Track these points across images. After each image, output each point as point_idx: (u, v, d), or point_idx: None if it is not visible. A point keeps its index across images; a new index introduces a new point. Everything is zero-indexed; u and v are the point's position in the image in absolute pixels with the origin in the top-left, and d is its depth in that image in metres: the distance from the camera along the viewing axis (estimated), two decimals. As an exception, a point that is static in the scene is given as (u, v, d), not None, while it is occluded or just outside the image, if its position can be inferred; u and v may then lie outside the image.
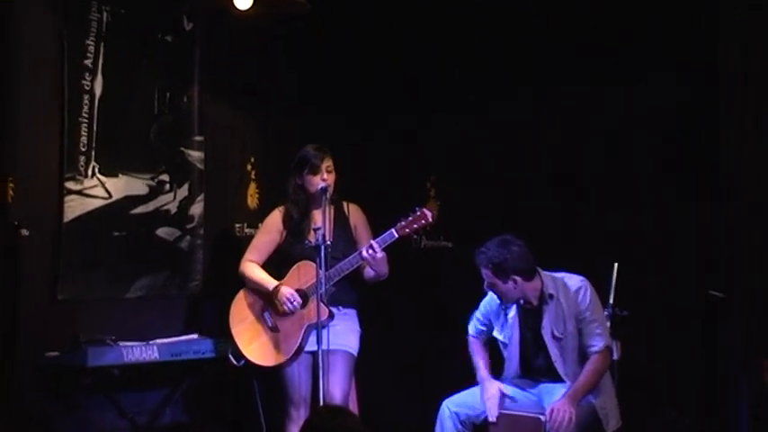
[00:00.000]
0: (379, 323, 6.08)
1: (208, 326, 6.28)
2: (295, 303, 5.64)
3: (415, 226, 5.61)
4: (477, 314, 5.81)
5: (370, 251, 5.55)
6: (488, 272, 5.46)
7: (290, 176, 5.83)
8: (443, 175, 6.82)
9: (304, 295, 5.73)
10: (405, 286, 6.44)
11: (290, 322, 5.74)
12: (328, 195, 5.67)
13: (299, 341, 5.72)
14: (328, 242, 5.47)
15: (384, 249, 5.63)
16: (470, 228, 6.24)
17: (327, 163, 5.73)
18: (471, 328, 5.82)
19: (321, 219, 5.57)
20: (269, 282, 5.75)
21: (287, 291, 5.68)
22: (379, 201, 6.13)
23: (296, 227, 5.81)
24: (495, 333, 5.70)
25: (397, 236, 5.60)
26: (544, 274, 5.53)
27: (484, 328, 5.80)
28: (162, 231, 6.31)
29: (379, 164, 6.84)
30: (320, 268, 5.41)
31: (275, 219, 5.91)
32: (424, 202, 5.79)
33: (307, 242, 5.58)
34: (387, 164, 6.86)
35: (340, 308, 5.78)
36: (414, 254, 6.55)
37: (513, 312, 5.62)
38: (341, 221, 5.88)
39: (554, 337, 5.50)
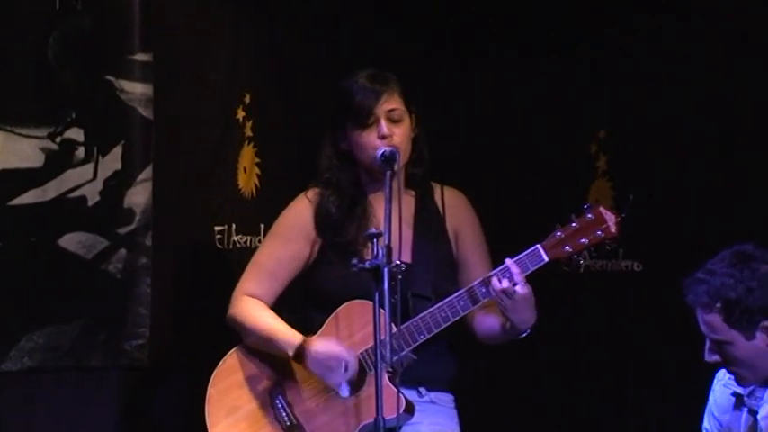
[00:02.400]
0: (495, 417, 5.41)
1: (162, 424, 5.24)
2: (348, 374, 4.61)
3: (584, 240, 4.55)
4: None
5: (504, 282, 4.55)
6: (715, 317, 4.16)
7: (323, 137, 4.73)
8: (623, 133, 5.68)
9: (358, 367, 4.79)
10: (550, 344, 5.46)
11: (327, 417, 4.69)
12: (397, 168, 4.45)
13: (346, 456, 4.83)
14: (399, 262, 4.26)
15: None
16: (675, 236, 5.41)
17: (391, 104, 4.57)
18: None
19: (386, 217, 4.42)
20: (287, 335, 4.67)
21: (329, 349, 4.60)
22: (496, 183, 5.44)
23: (336, 232, 4.71)
24: (733, 457, 4.73)
25: (547, 259, 4.59)
26: (820, 326, 4.38)
27: None
28: (71, 240, 5.04)
29: (499, 113, 5.75)
30: (380, 314, 4.24)
31: (300, 213, 4.78)
32: (584, 185, 5.36)
33: (354, 263, 4.32)
34: (514, 113, 5.75)
35: (422, 390, 4.67)
36: (569, 282, 5.17)
37: (766, 409, 4.41)
38: (428, 223, 4.77)
39: None
